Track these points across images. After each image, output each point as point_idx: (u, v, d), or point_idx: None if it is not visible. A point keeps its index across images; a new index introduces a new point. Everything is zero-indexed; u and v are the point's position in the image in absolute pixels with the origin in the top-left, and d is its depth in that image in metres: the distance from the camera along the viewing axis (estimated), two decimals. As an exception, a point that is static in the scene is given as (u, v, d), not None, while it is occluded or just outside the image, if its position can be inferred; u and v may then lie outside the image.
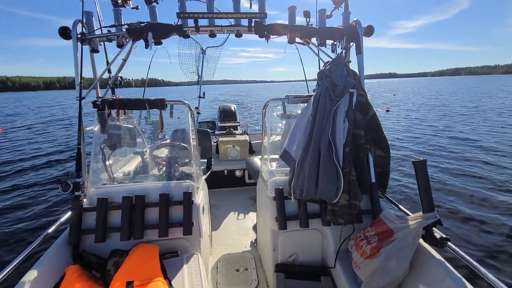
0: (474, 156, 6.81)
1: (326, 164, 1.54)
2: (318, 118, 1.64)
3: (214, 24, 1.89)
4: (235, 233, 2.79)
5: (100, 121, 1.85)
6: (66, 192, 1.61)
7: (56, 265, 1.42)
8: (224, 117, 5.11)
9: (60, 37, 1.78)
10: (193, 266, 1.58)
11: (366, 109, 1.72)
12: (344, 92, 1.63)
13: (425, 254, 1.35)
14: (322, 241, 1.81)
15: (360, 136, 1.65)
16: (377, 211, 1.64)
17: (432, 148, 7.82)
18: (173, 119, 2.01)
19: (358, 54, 1.85)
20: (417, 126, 11.52)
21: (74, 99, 1.77)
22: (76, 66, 1.75)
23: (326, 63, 1.84)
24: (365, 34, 1.91)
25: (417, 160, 1.39)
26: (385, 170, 1.82)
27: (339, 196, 1.50)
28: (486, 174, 5.51)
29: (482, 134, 9.31)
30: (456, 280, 1.15)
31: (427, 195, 1.34)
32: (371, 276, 1.35)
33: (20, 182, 5.95)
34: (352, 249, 1.54)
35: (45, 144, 10.08)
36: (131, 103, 1.78)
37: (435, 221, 1.30)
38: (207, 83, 4.69)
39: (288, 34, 1.92)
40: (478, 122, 11.79)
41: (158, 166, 2.37)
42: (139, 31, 1.77)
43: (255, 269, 2.18)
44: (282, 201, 1.70)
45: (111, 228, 1.60)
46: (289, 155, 1.75)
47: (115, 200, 1.65)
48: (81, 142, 1.73)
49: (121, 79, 2.22)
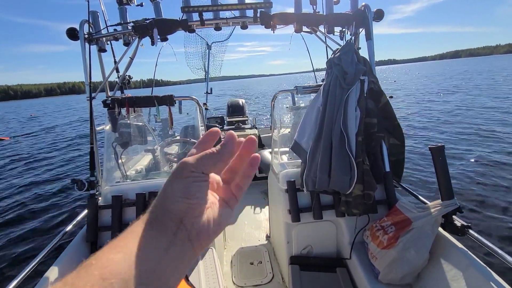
0: (494, 139, 6.48)
1: (339, 155, 1.50)
2: (329, 108, 1.60)
3: (219, 16, 1.87)
4: (247, 227, 2.80)
5: (111, 120, 1.87)
6: (81, 190, 1.65)
7: (75, 262, 1.46)
8: (233, 112, 5.10)
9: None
10: (208, 260, 1.59)
11: (378, 96, 1.67)
12: (355, 79, 1.58)
13: (445, 243, 1.30)
14: (337, 232, 1.79)
15: (373, 125, 1.61)
16: (392, 201, 1.60)
17: (446, 133, 7.54)
18: (181, 117, 2.01)
19: (368, 40, 1.79)
20: (425, 111, 11.16)
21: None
22: (85, 66, 1.76)
23: (335, 51, 1.79)
24: (375, 19, 1.84)
25: (434, 146, 1.34)
26: (399, 159, 1.77)
27: (353, 187, 1.47)
28: (507, 158, 5.25)
29: (499, 115, 8.89)
30: (481, 269, 1.10)
31: (446, 182, 1.29)
32: (389, 266, 1.32)
33: (36, 182, 6.16)
34: (368, 239, 1.51)
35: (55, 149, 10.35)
36: (140, 100, 1.79)
37: (455, 208, 1.26)
38: (204, 81, 4.65)
39: (295, 23, 1.87)
40: (493, 103, 11.30)
41: (169, 163, 2.39)
42: (145, 28, 1.77)
43: (269, 262, 2.18)
44: (294, 193, 1.68)
45: (127, 224, 1.61)
46: (300, 147, 1.73)
47: (129, 197, 1.67)
48: (94, 142, 1.76)
49: (129, 78, 2.24)
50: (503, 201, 3.80)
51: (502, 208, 3.63)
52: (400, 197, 1.62)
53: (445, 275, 1.24)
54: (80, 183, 1.66)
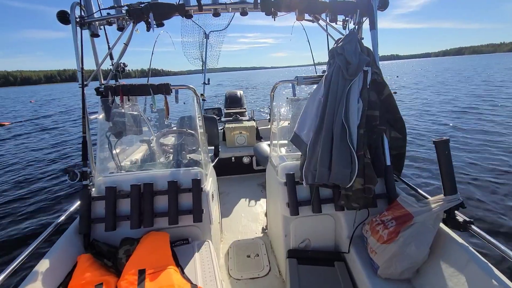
0: (498, 134, 6.48)
1: (340, 147, 1.47)
2: (330, 99, 1.55)
3: (217, 1, 1.79)
4: (244, 219, 2.78)
5: (104, 109, 1.80)
6: (73, 181, 1.59)
7: (68, 254, 1.42)
8: (230, 103, 5.03)
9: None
10: (205, 253, 1.56)
11: (381, 88, 1.63)
12: (358, 70, 1.53)
13: (446, 238, 1.29)
14: (335, 226, 1.77)
15: (375, 117, 1.57)
16: (392, 195, 1.57)
17: (448, 127, 7.54)
18: (178, 106, 1.94)
19: (372, 29, 1.73)
20: (427, 106, 11.18)
21: (77, 91, 1.71)
22: (77, 52, 1.68)
23: (337, 41, 1.73)
24: (380, 8, 1.78)
25: (438, 140, 1.30)
26: (400, 153, 1.74)
27: (353, 180, 1.44)
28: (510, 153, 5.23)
29: (503, 111, 8.87)
30: (481, 265, 1.09)
31: (449, 177, 1.26)
32: (389, 261, 1.31)
33: (28, 173, 6.06)
34: (368, 234, 1.49)
35: (51, 136, 10.22)
36: (134, 88, 1.72)
37: (458, 203, 1.23)
38: (205, 72, 4.56)
39: (297, 10, 1.80)
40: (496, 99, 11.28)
41: (165, 154, 2.33)
42: (140, 12, 1.68)
43: (266, 255, 2.17)
44: (293, 186, 1.65)
45: (121, 216, 1.58)
46: (300, 139, 1.68)
47: (124, 188, 1.62)
48: (86, 131, 1.69)
49: (124, 65, 2.16)
50: (507, 196, 3.76)
51: (505, 203, 3.59)
52: (401, 191, 1.59)
53: (445, 270, 1.22)
54: (72, 173, 1.60)
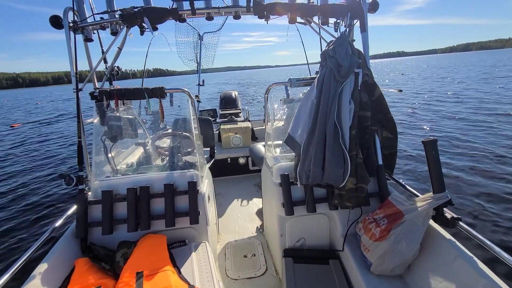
0: (487, 134, 6.57)
1: (333, 148, 1.50)
2: (323, 101, 1.59)
3: (210, 6, 1.81)
4: (241, 220, 2.80)
5: (99, 113, 1.81)
6: (69, 186, 1.60)
7: (65, 258, 1.43)
8: (225, 104, 5.04)
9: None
10: (202, 254, 1.59)
11: (372, 89, 1.66)
12: (349, 72, 1.56)
13: (436, 235, 1.33)
14: (330, 225, 1.80)
15: (367, 118, 1.61)
16: (384, 194, 1.61)
17: (441, 128, 7.61)
18: (173, 109, 1.96)
19: (363, 32, 1.77)
20: (429, 106, 11.20)
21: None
22: (70, 57, 1.69)
23: (329, 43, 1.76)
24: (370, 10, 1.82)
25: (427, 140, 1.35)
26: (392, 152, 1.78)
27: (346, 180, 1.48)
28: (500, 152, 5.32)
29: (501, 111, 8.98)
30: (468, 260, 1.13)
31: (437, 175, 1.31)
32: (381, 258, 1.34)
33: (25, 178, 6.00)
34: (361, 232, 1.53)
35: (53, 139, 10.16)
36: (129, 92, 1.73)
37: (446, 201, 1.27)
38: (207, 71, 4.59)
39: (289, 13, 1.83)
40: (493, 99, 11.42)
41: (161, 156, 2.34)
42: (133, 17, 1.70)
43: (263, 255, 2.20)
44: (288, 186, 1.68)
45: (118, 220, 1.59)
46: (294, 140, 1.71)
47: (120, 192, 1.63)
48: (82, 135, 1.70)
49: (118, 69, 2.16)
50: (494, 193, 3.88)
51: (492, 200, 3.70)
52: (392, 190, 1.63)
53: (434, 266, 1.27)
54: (68, 178, 1.61)
